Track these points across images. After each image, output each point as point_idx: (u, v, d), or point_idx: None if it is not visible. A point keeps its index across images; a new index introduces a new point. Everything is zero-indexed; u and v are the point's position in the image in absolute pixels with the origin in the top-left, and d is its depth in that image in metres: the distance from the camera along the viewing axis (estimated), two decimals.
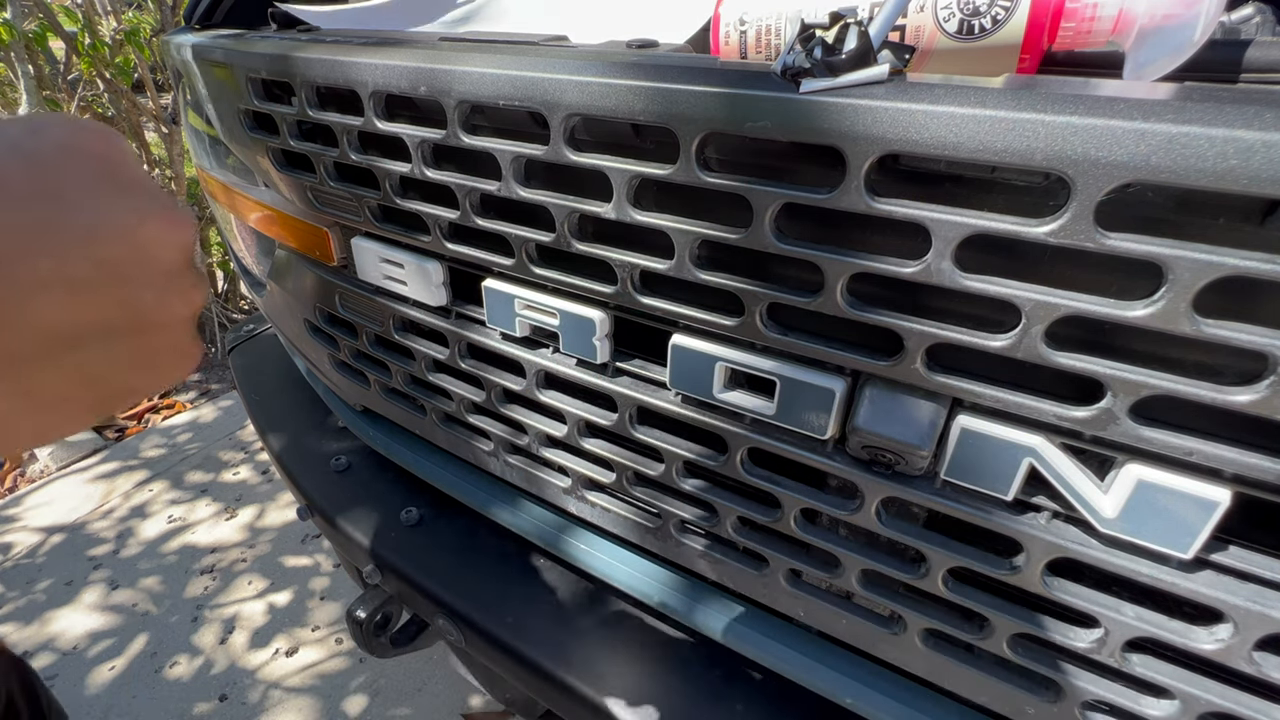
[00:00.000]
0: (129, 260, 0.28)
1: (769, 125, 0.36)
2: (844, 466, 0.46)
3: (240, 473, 2.11)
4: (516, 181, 0.48)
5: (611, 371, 0.55)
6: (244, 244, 0.95)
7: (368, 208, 0.61)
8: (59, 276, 0.25)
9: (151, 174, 2.45)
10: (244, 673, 1.49)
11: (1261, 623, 0.36)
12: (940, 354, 0.39)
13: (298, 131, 0.61)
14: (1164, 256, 0.30)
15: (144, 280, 0.28)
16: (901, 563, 0.48)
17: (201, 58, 0.67)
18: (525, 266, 0.53)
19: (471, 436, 0.71)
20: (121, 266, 0.27)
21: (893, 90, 0.33)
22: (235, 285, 2.99)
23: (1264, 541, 0.37)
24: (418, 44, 0.53)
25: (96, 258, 0.27)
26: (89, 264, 0.26)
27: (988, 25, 0.44)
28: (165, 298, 0.29)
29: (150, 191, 0.30)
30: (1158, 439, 0.35)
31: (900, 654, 0.52)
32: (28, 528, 1.91)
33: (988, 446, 0.39)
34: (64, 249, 0.26)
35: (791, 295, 0.41)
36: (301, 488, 0.89)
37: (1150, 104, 0.28)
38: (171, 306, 0.30)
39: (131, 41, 2.25)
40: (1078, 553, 0.40)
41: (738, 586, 0.59)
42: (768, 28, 0.52)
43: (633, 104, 0.40)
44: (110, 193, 0.28)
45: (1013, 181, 0.36)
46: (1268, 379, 0.30)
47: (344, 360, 0.80)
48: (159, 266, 0.29)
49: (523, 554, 0.77)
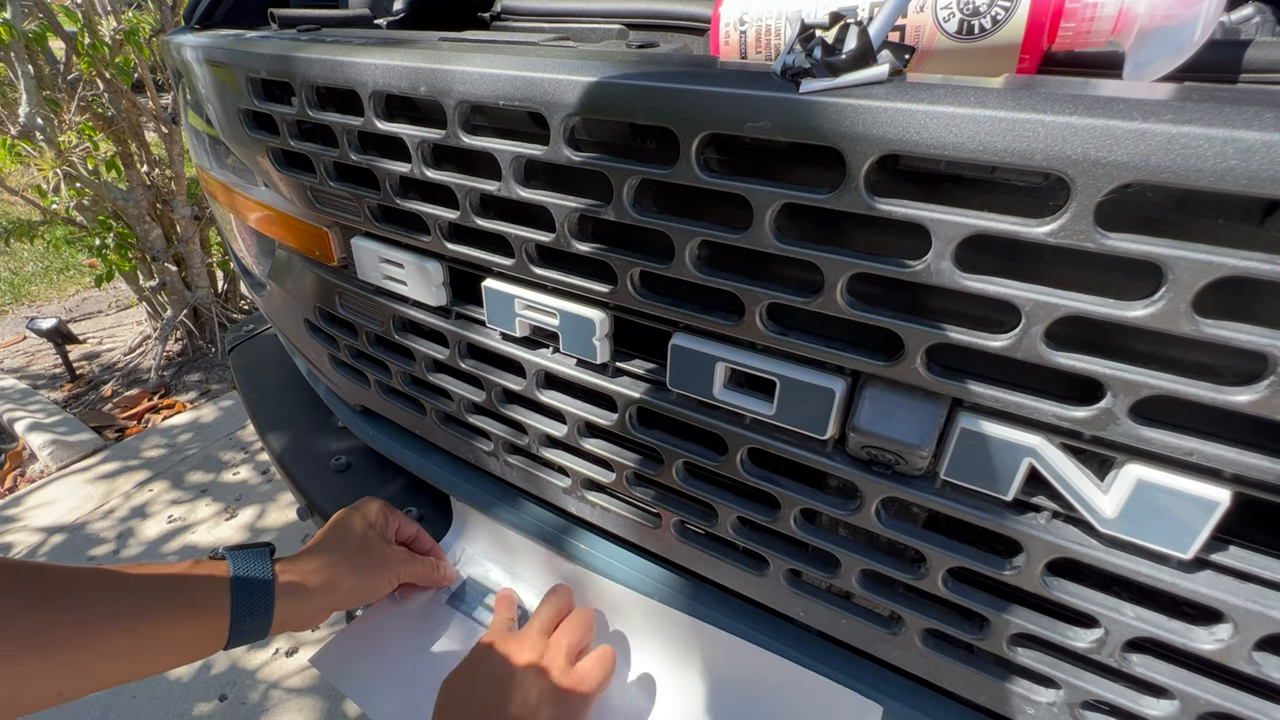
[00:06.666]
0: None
1: (769, 125, 0.36)
2: (844, 466, 0.46)
3: (240, 473, 2.11)
4: (516, 181, 0.48)
5: (611, 371, 0.55)
6: (244, 244, 0.95)
7: (368, 208, 0.61)
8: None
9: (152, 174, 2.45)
10: (244, 673, 1.49)
11: (1261, 623, 0.36)
12: (940, 354, 0.39)
13: (297, 131, 0.61)
14: (1164, 256, 0.30)
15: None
16: (901, 563, 0.48)
17: (201, 58, 0.67)
18: (525, 266, 0.53)
19: (471, 436, 0.71)
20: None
21: (893, 90, 0.33)
22: (235, 285, 3.00)
23: (1264, 541, 0.37)
24: (418, 44, 0.53)
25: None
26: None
27: (987, 25, 0.44)
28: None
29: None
30: (1158, 439, 0.35)
31: (900, 654, 0.52)
32: (28, 528, 1.91)
33: (987, 446, 0.39)
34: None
35: (791, 295, 0.41)
36: (301, 488, 0.89)
37: (1150, 104, 0.28)
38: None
39: (131, 41, 2.25)
40: (1078, 553, 0.40)
41: (737, 586, 0.59)
42: (768, 28, 0.52)
43: (633, 104, 0.40)
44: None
45: (1013, 182, 0.36)
46: (1268, 379, 0.30)
47: (344, 360, 0.80)
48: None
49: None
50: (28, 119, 2.22)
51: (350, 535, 0.68)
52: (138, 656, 0.52)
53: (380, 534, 0.70)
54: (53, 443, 2.22)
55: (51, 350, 2.89)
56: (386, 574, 0.67)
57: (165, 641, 0.53)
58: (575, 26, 0.82)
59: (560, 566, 0.71)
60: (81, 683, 0.49)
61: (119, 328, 3.21)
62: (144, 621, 0.52)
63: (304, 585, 0.61)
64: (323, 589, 0.62)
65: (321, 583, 0.62)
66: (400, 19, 0.84)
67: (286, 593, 0.59)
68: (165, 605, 0.53)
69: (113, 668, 0.51)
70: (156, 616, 0.52)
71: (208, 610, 0.56)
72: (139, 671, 0.52)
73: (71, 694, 0.48)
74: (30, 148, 2.29)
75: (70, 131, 2.36)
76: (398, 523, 0.73)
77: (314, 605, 0.61)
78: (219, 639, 0.56)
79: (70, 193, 2.43)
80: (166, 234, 2.65)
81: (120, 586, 0.52)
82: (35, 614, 0.47)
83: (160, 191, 2.62)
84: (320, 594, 0.62)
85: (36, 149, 2.29)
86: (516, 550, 0.75)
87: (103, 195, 2.46)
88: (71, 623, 0.48)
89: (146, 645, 0.52)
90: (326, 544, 0.66)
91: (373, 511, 0.71)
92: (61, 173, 2.35)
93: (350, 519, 0.70)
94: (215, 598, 0.56)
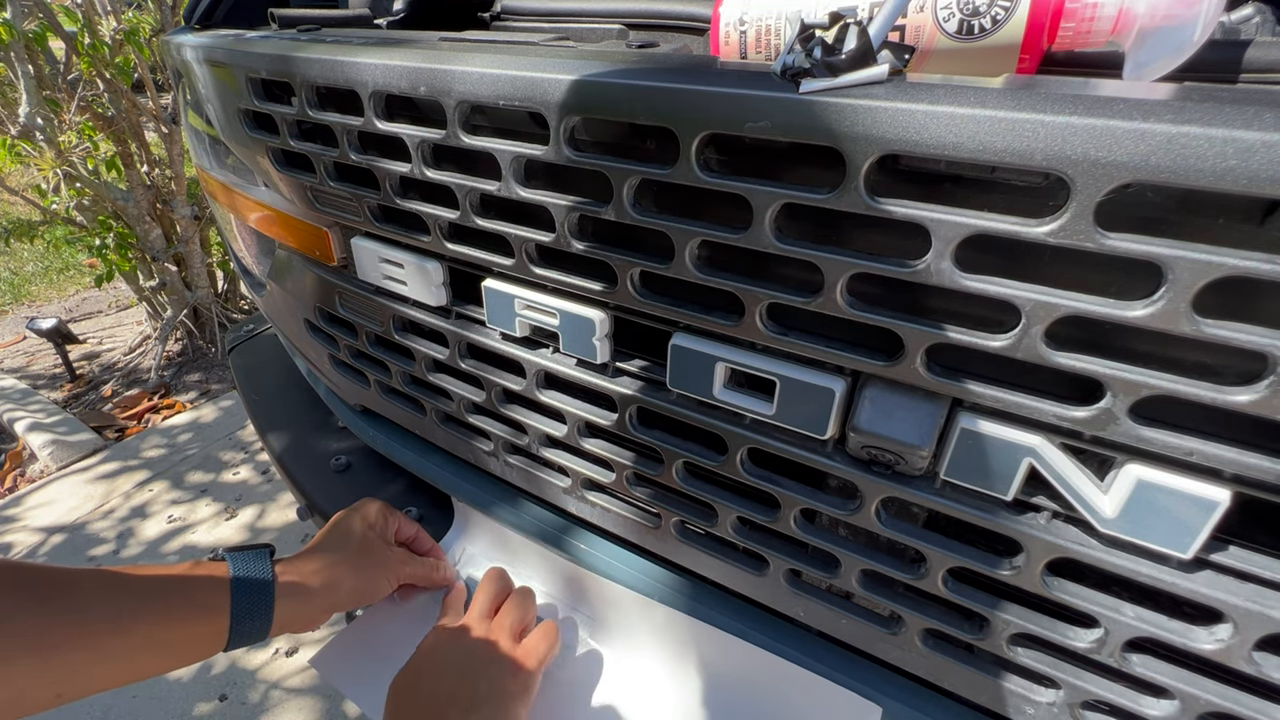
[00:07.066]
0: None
1: (769, 125, 0.36)
2: (844, 466, 0.46)
3: (240, 473, 2.11)
4: (516, 182, 0.48)
5: (611, 371, 0.55)
6: (244, 244, 0.95)
7: (368, 208, 0.61)
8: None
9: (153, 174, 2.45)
10: (244, 673, 1.49)
11: (1261, 623, 0.36)
12: (940, 354, 0.39)
13: (297, 131, 0.61)
14: (1164, 256, 0.30)
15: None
16: (901, 563, 0.48)
17: (201, 58, 0.67)
18: (525, 266, 0.53)
19: (471, 436, 0.71)
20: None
21: (893, 90, 0.33)
22: (235, 285, 3.00)
23: (1264, 541, 0.37)
24: (418, 44, 0.53)
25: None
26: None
27: (987, 25, 0.44)
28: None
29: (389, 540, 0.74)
30: (1158, 439, 0.35)
31: (900, 654, 0.52)
32: (28, 528, 1.91)
33: (987, 446, 0.39)
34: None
35: (791, 295, 0.41)
36: (301, 488, 0.89)
37: (1150, 104, 0.28)
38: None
39: (131, 41, 2.25)
40: (1077, 553, 0.40)
41: (737, 586, 0.59)
42: (767, 28, 0.52)
43: (633, 104, 0.40)
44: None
45: (1012, 182, 0.36)
46: (1268, 379, 0.30)
47: (344, 360, 0.80)
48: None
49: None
50: (28, 119, 2.22)
51: (350, 537, 0.68)
52: (137, 657, 0.52)
53: (380, 535, 0.70)
54: (53, 443, 2.22)
55: (51, 350, 2.89)
56: (386, 575, 0.67)
57: (165, 642, 0.53)
58: (575, 26, 0.82)
59: (560, 566, 0.71)
60: (82, 684, 0.49)
61: (119, 328, 3.22)
62: (144, 622, 0.52)
63: (304, 586, 0.61)
64: (322, 590, 0.62)
65: (321, 584, 0.62)
66: (400, 19, 0.84)
67: (286, 594, 0.59)
68: (165, 606, 0.53)
69: (113, 669, 0.51)
70: (156, 618, 0.52)
71: (208, 611, 0.56)
72: (139, 673, 0.52)
73: (71, 695, 0.48)
74: (30, 148, 2.29)
75: (70, 131, 2.36)
76: (397, 523, 0.73)
77: (314, 607, 0.62)
78: (219, 640, 0.56)
79: (70, 193, 2.43)
80: (166, 234, 2.66)
81: (120, 588, 0.52)
82: (35, 615, 0.47)
83: (160, 191, 2.62)
84: (320, 595, 0.62)
85: (36, 149, 2.29)
86: (517, 550, 0.75)
87: (103, 195, 2.46)
88: (71, 624, 0.48)
89: (146, 646, 0.52)
90: (326, 546, 0.67)
91: (372, 513, 0.71)
92: (61, 173, 2.35)
93: (350, 520, 0.70)
94: (215, 598, 0.56)
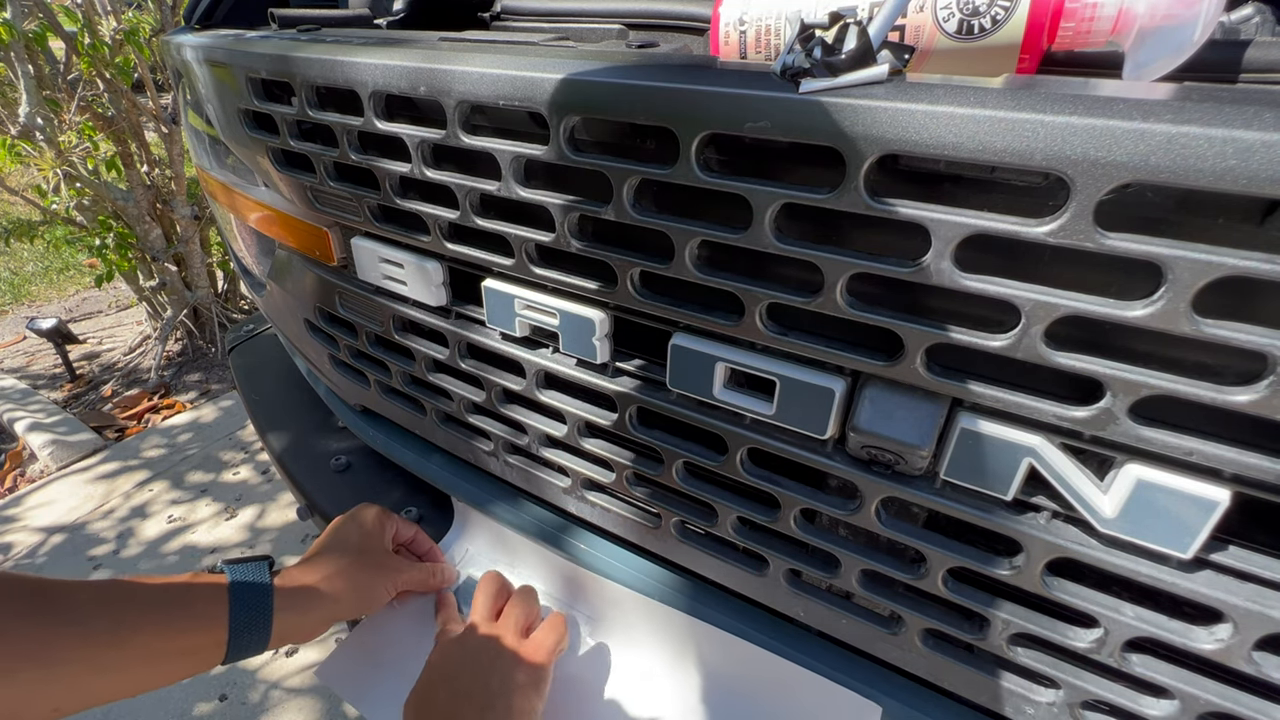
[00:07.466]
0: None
1: (769, 125, 0.36)
2: (844, 466, 0.46)
3: (240, 473, 2.11)
4: (516, 181, 0.48)
5: (611, 371, 0.55)
6: (244, 244, 0.95)
7: (367, 208, 0.61)
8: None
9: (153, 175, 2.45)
10: (244, 673, 1.49)
11: (1261, 623, 0.36)
12: (940, 354, 0.39)
13: (297, 131, 0.61)
14: (1163, 256, 0.30)
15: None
16: (901, 563, 0.48)
17: (201, 58, 0.67)
18: (525, 266, 0.53)
19: (471, 436, 0.71)
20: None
21: (892, 90, 0.33)
22: (235, 285, 3.00)
23: (1264, 541, 0.37)
24: (418, 44, 0.53)
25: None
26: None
27: (987, 25, 0.44)
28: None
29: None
30: (1157, 439, 0.35)
31: (900, 654, 0.52)
32: (28, 528, 1.91)
33: (987, 446, 0.39)
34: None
35: (791, 295, 0.41)
36: (301, 488, 0.89)
37: (1150, 104, 0.28)
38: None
39: (131, 41, 2.25)
40: (1077, 553, 0.40)
41: (737, 586, 0.59)
42: (767, 28, 0.52)
43: (633, 104, 0.40)
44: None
45: (1012, 182, 0.36)
46: (1268, 379, 0.30)
47: (344, 360, 0.80)
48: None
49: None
50: (28, 119, 2.22)
51: (347, 545, 0.67)
52: (135, 670, 0.51)
53: (377, 542, 0.70)
54: (53, 443, 2.22)
55: (51, 350, 2.89)
56: (384, 584, 0.67)
57: (163, 654, 0.53)
58: (575, 26, 0.82)
59: (560, 566, 0.71)
60: (79, 697, 0.48)
61: (119, 328, 3.22)
62: (142, 633, 0.51)
63: (302, 598, 0.61)
64: (321, 602, 0.62)
65: (320, 595, 0.62)
66: (400, 19, 0.84)
67: (285, 606, 0.59)
68: (164, 617, 0.53)
69: (110, 681, 0.50)
70: (155, 629, 0.52)
71: (206, 622, 0.55)
72: (136, 686, 0.52)
73: (68, 710, 0.48)
74: (30, 148, 2.29)
75: (70, 131, 2.36)
76: (395, 527, 0.73)
77: (312, 618, 0.61)
78: (217, 652, 0.56)
79: (70, 193, 2.43)
80: (166, 234, 2.66)
81: (118, 599, 0.52)
82: (35, 628, 0.47)
83: (160, 191, 2.62)
84: (318, 607, 0.62)
85: (36, 149, 2.29)
86: (517, 550, 0.75)
87: (103, 195, 2.46)
88: (71, 636, 0.48)
89: (144, 658, 0.51)
90: (324, 555, 0.66)
91: (369, 519, 0.71)
92: (61, 173, 2.35)
93: (347, 528, 0.70)
94: (214, 610, 0.56)
